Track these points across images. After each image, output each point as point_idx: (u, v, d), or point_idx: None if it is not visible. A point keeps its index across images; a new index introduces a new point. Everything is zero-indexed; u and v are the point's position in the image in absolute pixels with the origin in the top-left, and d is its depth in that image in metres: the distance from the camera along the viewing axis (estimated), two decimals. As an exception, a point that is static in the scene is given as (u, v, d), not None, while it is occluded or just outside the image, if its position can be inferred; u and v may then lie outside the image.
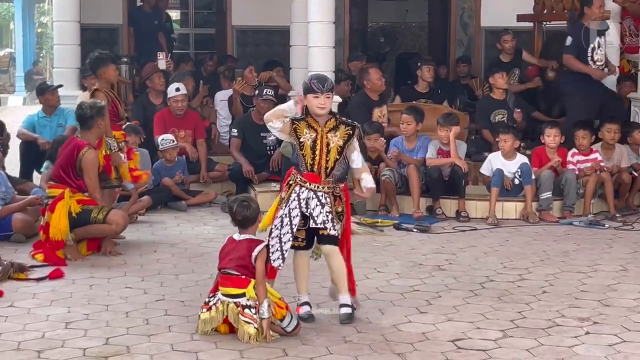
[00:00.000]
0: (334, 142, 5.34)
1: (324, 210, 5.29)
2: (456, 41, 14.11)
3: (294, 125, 5.36)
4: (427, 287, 6.20)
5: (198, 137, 10.07)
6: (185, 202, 9.34)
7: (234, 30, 14.07)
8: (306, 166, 5.33)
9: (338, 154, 5.35)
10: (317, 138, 5.33)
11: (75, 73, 10.95)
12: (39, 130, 10.04)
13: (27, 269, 6.46)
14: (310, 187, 5.31)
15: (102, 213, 7.08)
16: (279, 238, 5.26)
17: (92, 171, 7.06)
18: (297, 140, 5.34)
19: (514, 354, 4.80)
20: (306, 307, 5.38)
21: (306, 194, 5.31)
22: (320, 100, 5.30)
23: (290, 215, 5.27)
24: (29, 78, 28.50)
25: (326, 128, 5.36)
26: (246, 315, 4.96)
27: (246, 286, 5.04)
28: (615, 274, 6.63)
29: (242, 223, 5.23)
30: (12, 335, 5.06)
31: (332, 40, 10.03)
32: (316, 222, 5.28)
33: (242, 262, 5.08)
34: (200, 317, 5.08)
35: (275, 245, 5.25)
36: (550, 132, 9.05)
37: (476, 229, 8.34)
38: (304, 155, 5.33)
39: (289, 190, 5.36)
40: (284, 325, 5.05)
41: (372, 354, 4.80)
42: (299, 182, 5.34)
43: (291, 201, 5.30)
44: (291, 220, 5.27)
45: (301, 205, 5.29)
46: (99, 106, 7.26)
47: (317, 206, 5.29)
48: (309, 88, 5.32)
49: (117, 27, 13.67)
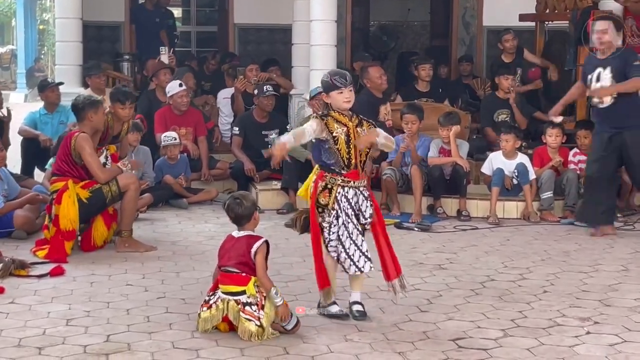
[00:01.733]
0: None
1: (369, 204, 5.33)
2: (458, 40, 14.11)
3: (324, 120, 5.31)
4: (428, 286, 6.20)
5: (199, 134, 10.07)
6: (187, 200, 9.35)
7: (236, 28, 14.07)
8: (343, 161, 5.26)
9: (367, 147, 5.36)
10: (350, 132, 5.29)
11: (77, 70, 10.95)
12: (40, 127, 10.04)
13: (28, 266, 6.46)
14: (354, 185, 5.29)
15: (113, 185, 7.10)
16: (355, 244, 5.24)
17: (88, 151, 7.02)
18: (331, 135, 5.27)
19: (515, 354, 4.80)
20: (335, 306, 5.37)
21: (352, 192, 5.29)
22: (345, 94, 5.28)
23: (350, 218, 5.25)
24: (31, 75, 28.50)
25: (353, 122, 5.35)
26: (247, 312, 4.96)
27: (246, 284, 5.04)
28: (616, 273, 6.63)
29: (236, 220, 5.22)
30: (13, 332, 5.06)
31: (334, 39, 10.04)
32: (366, 218, 5.31)
33: (242, 259, 5.07)
34: (200, 315, 5.08)
35: (357, 252, 5.23)
36: (552, 132, 9.05)
37: (477, 228, 8.34)
38: (339, 150, 5.26)
39: (330, 194, 5.28)
40: (283, 324, 5.05)
41: (372, 353, 4.80)
42: (341, 184, 5.28)
43: (343, 204, 5.26)
44: (353, 222, 5.26)
45: (352, 205, 5.28)
46: (92, 99, 7.25)
47: (363, 201, 5.31)
48: (331, 85, 5.29)
49: (119, 24, 13.69)
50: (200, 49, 15.80)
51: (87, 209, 7.05)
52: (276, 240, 7.25)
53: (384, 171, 8.83)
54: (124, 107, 7.47)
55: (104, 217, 7.25)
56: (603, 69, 7.72)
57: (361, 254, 5.24)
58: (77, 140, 7.03)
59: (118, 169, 7.25)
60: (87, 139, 7.05)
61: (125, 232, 7.24)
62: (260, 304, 4.99)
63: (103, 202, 7.14)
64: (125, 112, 7.50)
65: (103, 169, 7.16)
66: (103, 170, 7.15)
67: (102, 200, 7.12)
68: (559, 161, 9.01)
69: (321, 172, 5.34)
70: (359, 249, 5.24)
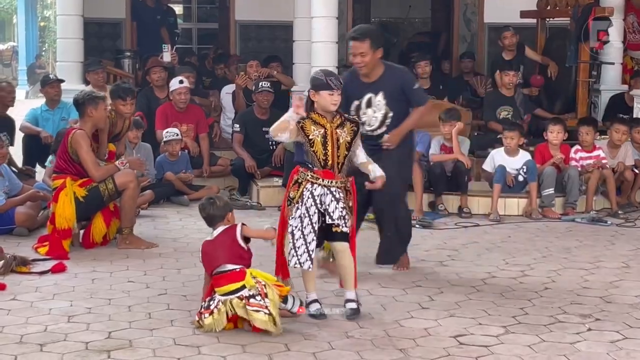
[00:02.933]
0: (342, 138, 5.34)
1: (339, 206, 5.29)
2: (459, 37, 14.11)
3: (299, 124, 5.33)
4: (429, 283, 6.20)
5: (200, 131, 10.08)
6: (188, 197, 9.35)
7: (237, 25, 14.07)
8: (319, 162, 5.29)
9: (347, 149, 5.35)
10: (327, 134, 5.31)
11: (78, 67, 10.95)
12: (41, 124, 10.03)
13: (30, 263, 6.47)
14: (323, 184, 5.29)
15: (109, 183, 7.09)
16: (304, 239, 5.24)
17: (83, 148, 7.01)
18: (306, 137, 5.31)
19: (516, 350, 4.80)
20: (316, 304, 5.37)
21: (319, 190, 5.29)
22: (334, 97, 5.30)
23: (308, 213, 5.25)
24: (32, 72, 28.48)
25: (334, 124, 5.35)
26: (253, 304, 4.96)
27: (243, 278, 5.04)
28: (617, 270, 6.63)
29: (207, 220, 5.26)
30: (14, 329, 5.06)
31: (335, 36, 10.03)
32: (333, 219, 5.28)
33: (233, 252, 5.09)
34: (204, 322, 5.03)
35: (302, 247, 5.23)
36: (553, 128, 9.05)
37: (478, 225, 8.34)
38: (315, 152, 5.29)
39: (299, 188, 5.32)
40: (288, 307, 5.07)
41: (374, 349, 4.80)
42: (310, 180, 5.30)
43: (306, 199, 5.27)
44: (311, 219, 5.25)
45: (316, 202, 5.27)
46: (92, 95, 7.24)
47: (332, 202, 5.29)
48: (324, 84, 5.29)
49: (120, 21, 13.70)
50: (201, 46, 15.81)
51: (84, 207, 7.05)
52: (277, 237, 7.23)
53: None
54: (125, 103, 7.47)
55: (104, 213, 7.24)
56: (374, 94, 6.33)
57: (306, 250, 5.23)
58: (74, 137, 7.03)
59: (114, 167, 7.23)
60: (84, 136, 7.05)
61: (126, 229, 7.24)
62: (262, 292, 5.00)
63: (100, 200, 7.13)
64: (127, 108, 7.51)
65: (97, 167, 7.13)
66: (97, 168, 7.13)
67: (99, 199, 7.11)
68: (560, 158, 9.02)
69: (297, 167, 5.41)
70: (305, 245, 5.23)
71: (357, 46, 6.18)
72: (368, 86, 6.32)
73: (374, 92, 6.30)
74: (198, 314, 5.10)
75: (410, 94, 6.38)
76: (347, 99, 5.99)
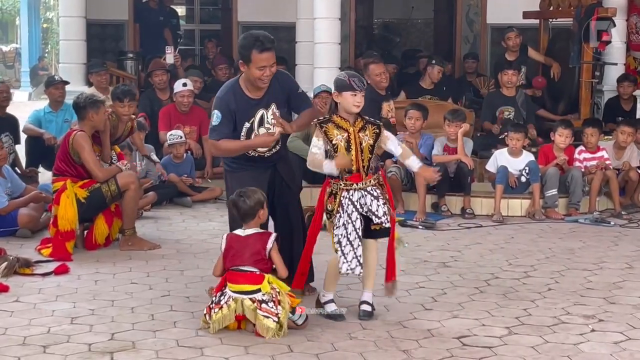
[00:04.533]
0: (365, 142, 5.30)
1: (381, 203, 5.28)
2: (462, 38, 14.11)
3: (323, 128, 5.29)
4: (432, 284, 6.20)
5: (204, 133, 10.04)
6: (191, 198, 9.34)
7: (240, 26, 14.07)
8: (344, 168, 5.24)
9: (370, 152, 5.31)
10: (351, 138, 5.27)
11: (81, 68, 10.98)
12: (44, 126, 10.05)
13: (33, 264, 6.47)
14: (358, 187, 5.26)
15: (112, 184, 7.10)
16: (351, 245, 5.21)
17: (86, 150, 7.02)
18: (330, 143, 5.26)
19: (519, 351, 4.80)
20: (333, 304, 5.37)
21: (357, 195, 5.26)
22: (357, 98, 5.25)
23: (351, 219, 5.22)
24: (35, 73, 28.53)
25: (356, 127, 5.32)
26: (264, 309, 4.96)
27: (261, 282, 5.04)
28: (620, 271, 6.62)
29: (241, 217, 5.22)
30: (17, 330, 5.06)
31: (337, 37, 10.04)
32: (379, 217, 5.27)
33: (258, 257, 5.09)
34: (213, 317, 5.03)
35: (350, 253, 5.20)
36: (563, 132, 9.01)
37: (481, 226, 8.33)
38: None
39: (335, 199, 5.26)
40: (295, 319, 5.06)
41: (377, 351, 4.80)
42: (345, 188, 5.26)
43: (346, 207, 5.24)
44: (354, 224, 5.22)
45: (357, 207, 5.24)
46: (94, 99, 7.24)
47: (372, 201, 5.27)
48: (347, 85, 5.25)
49: (122, 22, 13.71)
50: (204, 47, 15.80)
51: (86, 208, 7.05)
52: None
53: (389, 169, 8.82)
54: (123, 105, 7.49)
55: (105, 214, 7.24)
56: (265, 109, 5.62)
57: (354, 256, 5.22)
58: (75, 139, 7.04)
59: (117, 168, 7.24)
60: (86, 138, 7.05)
61: (128, 230, 7.24)
62: (276, 300, 5.00)
63: (103, 202, 7.14)
64: (125, 110, 7.53)
65: (101, 168, 7.16)
66: (101, 169, 7.15)
67: (101, 200, 7.12)
68: (564, 159, 9.00)
69: (327, 179, 5.34)
70: (353, 250, 5.22)
71: (270, 57, 5.47)
72: (257, 102, 5.60)
73: (265, 108, 5.62)
74: (207, 308, 5.10)
75: (297, 99, 5.79)
76: (235, 122, 5.49)
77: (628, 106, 11.00)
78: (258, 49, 5.44)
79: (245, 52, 5.47)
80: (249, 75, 5.53)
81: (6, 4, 35.18)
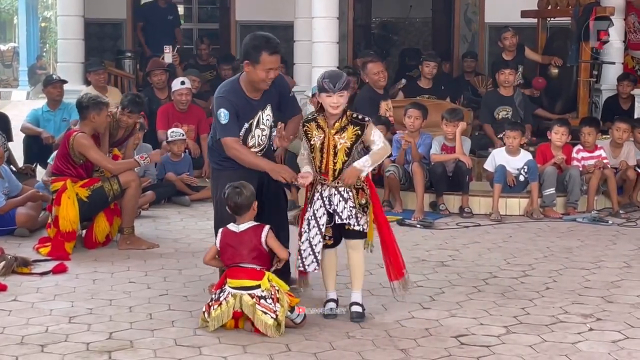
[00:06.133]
0: (341, 144, 5.27)
1: (348, 205, 5.27)
2: (460, 37, 14.11)
3: (304, 127, 5.33)
4: (431, 283, 6.20)
5: (202, 132, 10.08)
6: (189, 197, 9.34)
7: (238, 25, 14.07)
8: (316, 168, 5.29)
9: (346, 155, 5.27)
10: (325, 140, 5.28)
11: (79, 67, 10.98)
12: (42, 125, 10.04)
13: (31, 263, 6.47)
14: (329, 185, 5.28)
15: (114, 183, 7.10)
16: (309, 241, 5.24)
17: (91, 149, 7.02)
18: (308, 142, 5.31)
19: (517, 350, 4.80)
20: (331, 303, 5.38)
21: (328, 191, 5.28)
22: (332, 99, 5.23)
23: (315, 216, 5.25)
24: (33, 72, 28.51)
25: (333, 129, 5.29)
26: (263, 305, 4.96)
27: (261, 278, 5.04)
28: (618, 270, 6.63)
29: (235, 210, 5.20)
30: (15, 330, 5.06)
31: (336, 36, 10.04)
32: (342, 218, 5.27)
33: (256, 253, 5.10)
34: (212, 314, 5.03)
35: (307, 250, 5.24)
36: (559, 130, 9.02)
37: (479, 225, 8.33)
38: (314, 158, 5.29)
39: (312, 189, 5.32)
40: (293, 317, 5.07)
41: (375, 350, 4.80)
42: (320, 181, 5.30)
43: (315, 201, 5.28)
44: (317, 221, 5.25)
45: (325, 203, 5.27)
46: (97, 100, 7.24)
47: (340, 202, 5.27)
48: (320, 87, 5.27)
49: (121, 21, 13.71)
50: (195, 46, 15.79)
51: (88, 207, 7.05)
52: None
53: (387, 168, 8.82)
54: (125, 114, 7.54)
55: (106, 212, 7.24)
56: (262, 110, 5.66)
57: (311, 252, 5.24)
58: (76, 140, 7.03)
59: (134, 162, 7.27)
60: (87, 137, 7.04)
61: (127, 229, 7.24)
62: (275, 297, 5.00)
63: (105, 200, 7.14)
64: (125, 119, 7.56)
65: (112, 161, 7.21)
66: (113, 162, 7.19)
67: (103, 199, 7.12)
68: (561, 158, 9.00)
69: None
70: (311, 246, 5.24)
71: (277, 60, 5.48)
72: (257, 103, 5.63)
73: (262, 108, 5.65)
74: (207, 306, 5.10)
75: (287, 103, 5.82)
76: (238, 121, 5.52)
77: (627, 105, 11.02)
78: (269, 50, 5.42)
79: (254, 53, 5.44)
80: (253, 76, 5.51)
81: (4, 2, 35.14)
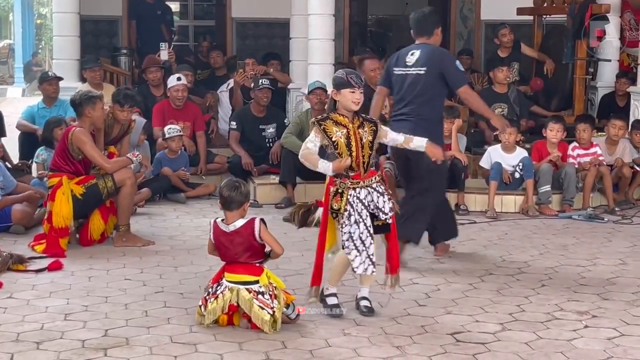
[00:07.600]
0: (365, 138, 5.30)
1: (386, 199, 5.29)
2: (456, 34, 14.10)
3: (321, 125, 5.29)
4: (426, 280, 6.20)
5: (197, 129, 10.06)
6: (185, 194, 9.34)
7: (234, 22, 14.06)
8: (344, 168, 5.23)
9: (370, 149, 5.31)
10: (350, 134, 5.27)
11: (74, 64, 10.95)
12: (38, 122, 10.02)
13: (26, 261, 6.46)
14: (364, 185, 5.27)
15: (109, 180, 7.09)
16: (363, 244, 5.21)
17: (88, 144, 7.01)
18: (329, 140, 5.25)
19: (513, 347, 4.80)
20: (334, 298, 5.38)
21: (364, 192, 5.26)
22: (356, 95, 5.26)
23: (362, 218, 5.22)
24: (28, 69, 28.47)
25: (355, 124, 5.31)
26: (260, 301, 4.97)
27: (260, 274, 5.05)
28: (614, 267, 6.63)
29: (226, 202, 5.14)
30: (11, 327, 5.06)
31: (332, 33, 10.03)
32: (386, 213, 5.28)
33: (252, 250, 5.10)
34: (208, 307, 5.03)
35: (363, 254, 5.20)
36: (554, 126, 9.04)
37: (475, 222, 8.34)
38: (340, 155, 5.23)
39: (342, 198, 5.24)
40: (288, 313, 5.08)
41: (371, 347, 4.80)
42: (351, 186, 5.25)
43: (355, 205, 5.22)
44: (365, 223, 5.22)
45: (365, 205, 5.24)
46: (89, 95, 7.22)
47: (379, 198, 5.27)
48: (345, 82, 5.26)
49: (116, 18, 13.68)
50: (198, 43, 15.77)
51: (82, 205, 7.04)
52: (274, 234, 7.21)
53: (384, 165, 8.81)
54: (122, 110, 7.48)
55: (101, 210, 7.23)
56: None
57: (367, 256, 5.22)
58: (75, 135, 7.02)
59: (127, 160, 7.25)
60: (85, 133, 7.03)
61: (122, 226, 7.23)
62: (273, 293, 5.01)
63: (99, 198, 7.13)
64: (124, 115, 7.52)
65: (108, 160, 7.18)
66: (108, 160, 7.17)
67: (98, 196, 7.11)
68: (557, 155, 9.02)
69: (330, 178, 5.31)
70: (366, 250, 5.22)
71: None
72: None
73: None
74: (203, 299, 5.10)
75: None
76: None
77: (622, 102, 11.01)
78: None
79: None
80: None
81: (-1, -1, 35.11)
